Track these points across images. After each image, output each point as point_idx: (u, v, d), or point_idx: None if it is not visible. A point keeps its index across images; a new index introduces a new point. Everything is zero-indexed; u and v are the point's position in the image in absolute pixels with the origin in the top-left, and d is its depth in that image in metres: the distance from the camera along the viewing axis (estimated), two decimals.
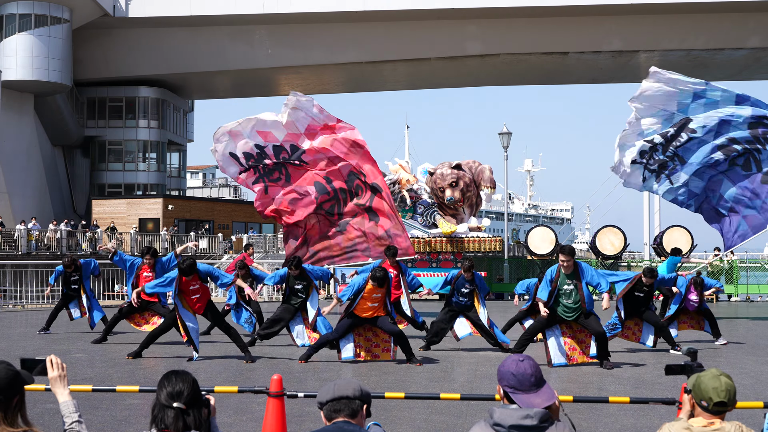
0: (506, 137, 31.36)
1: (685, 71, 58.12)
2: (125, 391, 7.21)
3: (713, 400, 3.45)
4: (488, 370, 10.72)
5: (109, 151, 55.98)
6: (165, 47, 50.25)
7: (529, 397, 3.25)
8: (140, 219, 48.43)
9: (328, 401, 3.39)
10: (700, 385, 3.50)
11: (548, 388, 3.32)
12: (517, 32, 48.58)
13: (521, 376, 3.27)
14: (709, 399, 3.45)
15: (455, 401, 8.19)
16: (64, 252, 36.05)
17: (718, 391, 3.44)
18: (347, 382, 3.43)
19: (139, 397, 8.31)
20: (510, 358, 3.39)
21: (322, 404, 3.41)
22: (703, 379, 3.51)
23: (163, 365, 11.20)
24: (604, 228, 26.91)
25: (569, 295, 10.78)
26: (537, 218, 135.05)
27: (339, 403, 3.37)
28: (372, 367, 10.92)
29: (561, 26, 47.97)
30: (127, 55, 50.78)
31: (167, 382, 3.26)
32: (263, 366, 11.19)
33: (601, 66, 52.93)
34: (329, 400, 3.38)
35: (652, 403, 6.10)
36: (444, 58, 50.53)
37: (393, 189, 23.87)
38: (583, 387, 9.57)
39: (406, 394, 6.73)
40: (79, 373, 10.37)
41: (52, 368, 3.57)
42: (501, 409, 3.26)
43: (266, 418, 6.09)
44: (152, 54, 50.58)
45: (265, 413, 6.11)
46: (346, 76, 56.60)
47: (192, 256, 21.14)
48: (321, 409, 3.43)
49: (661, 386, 9.55)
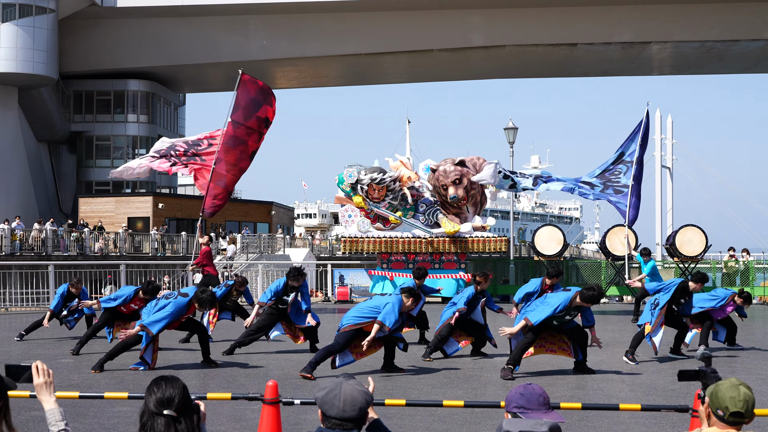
0: (512, 132, 31.35)
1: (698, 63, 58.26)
2: (114, 398, 7.21)
3: (729, 409, 3.43)
4: (493, 377, 10.72)
5: (96, 147, 56.01)
6: (155, 38, 50.24)
7: (538, 416, 3.33)
8: (129, 218, 48.43)
9: (332, 417, 3.39)
10: (717, 394, 3.49)
11: (556, 414, 3.39)
12: (523, 23, 48.57)
13: (530, 395, 3.37)
14: (725, 408, 3.44)
15: (458, 408, 8.19)
16: (50, 252, 36.06)
17: (736, 400, 3.43)
18: (353, 400, 3.41)
19: (128, 404, 8.31)
20: (518, 384, 3.51)
21: (325, 415, 3.42)
22: (720, 388, 3.49)
23: (152, 371, 11.19)
24: (615, 227, 26.85)
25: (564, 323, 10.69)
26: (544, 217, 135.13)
27: (345, 422, 3.39)
28: (371, 374, 10.91)
29: (569, 16, 47.96)
30: (115, 46, 50.78)
31: (156, 388, 3.26)
32: (257, 372, 11.19)
33: (611, 58, 52.93)
34: (333, 417, 3.39)
35: (664, 410, 6.11)
36: (447, 49, 50.52)
37: (394, 186, 23.88)
38: (592, 393, 9.57)
39: (407, 401, 6.74)
40: (65, 379, 10.37)
41: (38, 374, 3.56)
42: (510, 419, 3.32)
43: (261, 426, 6.09)
44: (142, 45, 50.58)
45: (260, 421, 6.11)
46: (344, 69, 56.62)
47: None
48: (320, 411, 3.44)
49: (674, 393, 9.56)
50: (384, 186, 23.68)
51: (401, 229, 24.40)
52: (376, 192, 23.75)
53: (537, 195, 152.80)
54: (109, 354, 11.25)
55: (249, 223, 53.32)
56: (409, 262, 24.43)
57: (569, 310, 10.42)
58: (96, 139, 55.78)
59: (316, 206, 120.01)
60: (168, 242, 43.56)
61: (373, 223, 24.32)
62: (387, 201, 23.96)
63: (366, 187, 23.68)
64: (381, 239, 24.23)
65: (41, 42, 46.80)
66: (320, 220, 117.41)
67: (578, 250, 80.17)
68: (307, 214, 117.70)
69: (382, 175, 23.73)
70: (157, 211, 48.57)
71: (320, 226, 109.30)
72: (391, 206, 24.09)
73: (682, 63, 55.41)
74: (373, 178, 23.62)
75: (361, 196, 23.86)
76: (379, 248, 24.23)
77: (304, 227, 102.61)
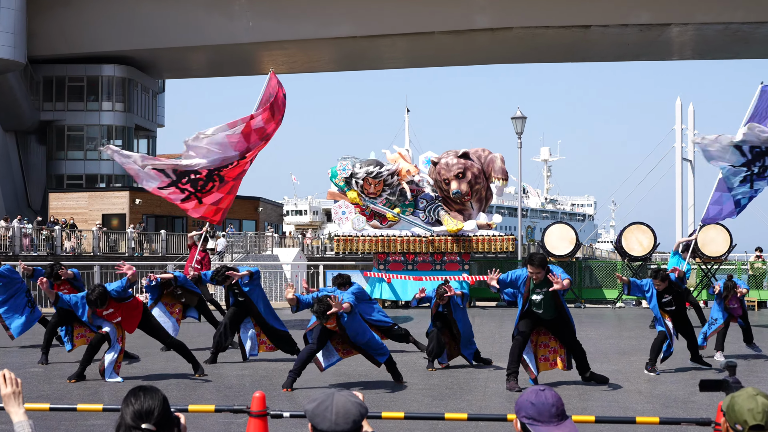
0: (520, 122, 31.37)
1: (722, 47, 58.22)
2: (87, 410, 7.22)
3: (749, 423, 3.40)
4: (499, 387, 10.75)
5: (68, 138, 55.97)
6: (132, 19, 50.17)
7: (549, 429, 3.33)
8: (104, 215, 48.37)
9: (324, 431, 3.40)
10: (734, 407, 3.46)
11: (571, 423, 3.38)
12: (532, 3, 48.57)
13: (541, 406, 3.35)
14: (744, 422, 3.41)
15: (462, 422, 8.21)
16: (17, 252, 36.02)
17: (755, 413, 3.40)
18: (346, 413, 3.41)
19: (103, 416, 8.32)
20: (530, 388, 3.49)
21: (316, 429, 3.43)
22: (737, 400, 3.46)
23: (129, 381, 11.19)
24: (632, 225, 26.88)
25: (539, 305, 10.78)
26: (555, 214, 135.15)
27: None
28: (367, 384, 10.93)
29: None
30: (88, 28, 50.71)
31: (134, 399, 3.26)
32: (244, 381, 11.20)
33: (628, 41, 52.95)
34: (325, 431, 3.40)
35: (684, 423, 6.12)
36: (449, 32, 50.51)
37: (391, 181, 23.90)
38: (606, 405, 9.60)
39: (405, 414, 6.75)
40: (35, 390, 10.38)
41: (6, 384, 3.57)
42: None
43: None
44: (117, 27, 50.49)
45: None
46: (338, 53, 56.59)
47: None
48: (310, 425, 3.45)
49: (695, 405, 9.58)
50: (381, 180, 23.71)
51: (399, 227, 24.41)
52: (372, 187, 23.78)
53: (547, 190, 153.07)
54: (84, 360, 11.32)
55: (234, 221, 53.29)
56: (408, 263, 24.47)
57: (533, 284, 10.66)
58: (68, 129, 55.74)
59: (307, 202, 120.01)
60: (146, 241, 43.50)
61: (369, 220, 24.34)
62: (384, 196, 23.98)
63: (361, 181, 23.71)
64: (377, 238, 24.25)
65: (8, 23, 46.71)
66: (311, 217, 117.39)
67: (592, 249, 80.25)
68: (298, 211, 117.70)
69: (379, 169, 23.75)
70: (134, 207, 48.52)
71: (311, 224, 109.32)
72: (388, 202, 24.10)
73: (704, 47, 55.46)
74: (369, 171, 23.65)
75: (356, 191, 23.88)
76: (376, 248, 24.24)
77: (294, 225, 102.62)
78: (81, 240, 40.48)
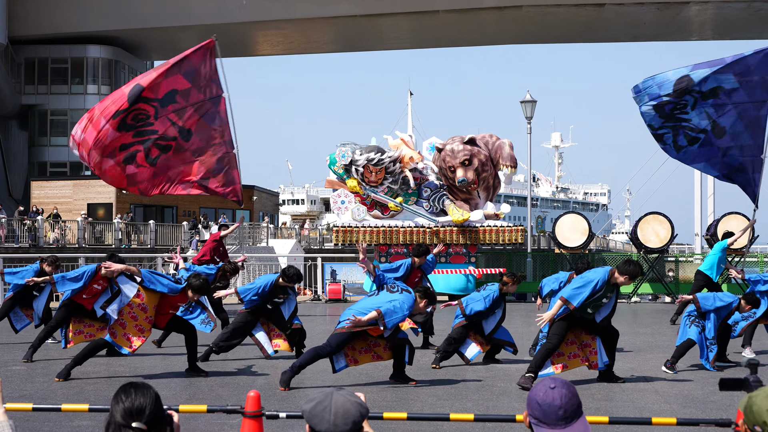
0: (530, 106, 31.34)
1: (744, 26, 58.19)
2: (72, 410, 7.22)
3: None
4: (507, 386, 10.75)
5: (51, 123, 55.95)
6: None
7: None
8: (89, 204, 48.45)
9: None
10: (752, 407, 3.42)
11: (581, 424, 3.32)
12: None
13: (547, 407, 3.30)
14: (763, 423, 3.38)
15: (468, 423, 8.22)
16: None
17: None
18: (345, 413, 3.42)
19: (89, 417, 8.34)
20: (542, 382, 3.42)
21: (314, 430, 3.44)
22: (755, 400, 3.42)
23: (117, 380, 11.21)
24: (648, 215, 26.88)
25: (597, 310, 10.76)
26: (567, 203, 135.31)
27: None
28: (368, 383, 10.93)
29: None
30: (73, 7, 50.67)
31: (125, 397, 3.26)
32: (237, 380, 11.21)
33: (645, 20, 52.84)
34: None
35: (703, 425, 6.12)
36: (455, 10, 50.43)
37: (393, 168, 23.88)
38: (621, 405, 9.61)
39: (409, 414, 6.76)
40: (17, 389, 10.40)
41: None
42: None
43: None
44: (103, 6, 50.46)
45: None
46: (337, 33, 56.51)
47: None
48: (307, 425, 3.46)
49: (714, 405, 9.60)
50: (382, 167, 23.69)
51: (402, 217, 24.41)
52: (373, 174, 23.77)
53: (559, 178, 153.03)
54: (76, 359, 11.22)
55: (227, 211, 53.35)
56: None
57: (607, 289, 10.56)
58: (51, 113, 55.73)
59: (304, 191, 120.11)
60: (133, 232, 43.58)
61: (370, 210, 24.34)
62: (386, 185, 23.97)
63: (362, 168, 23.70)
64: (379, 229, 24.25)
65: None
66: (309, 206, 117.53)
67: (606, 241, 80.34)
68: (294, 200, 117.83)
69: (380, 155, 23.73)
70: (121, 196, 48.55)
71: (309, 214, 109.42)
72: (390, 191, 24.09)
73: (724, 26, 55.34)
74: (369, 158, 23.63)
75: (356, 180, 23.87)
76: (377, 239, 24.25)
77: (291, 215, 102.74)
78: (65, 231, 40.53)
